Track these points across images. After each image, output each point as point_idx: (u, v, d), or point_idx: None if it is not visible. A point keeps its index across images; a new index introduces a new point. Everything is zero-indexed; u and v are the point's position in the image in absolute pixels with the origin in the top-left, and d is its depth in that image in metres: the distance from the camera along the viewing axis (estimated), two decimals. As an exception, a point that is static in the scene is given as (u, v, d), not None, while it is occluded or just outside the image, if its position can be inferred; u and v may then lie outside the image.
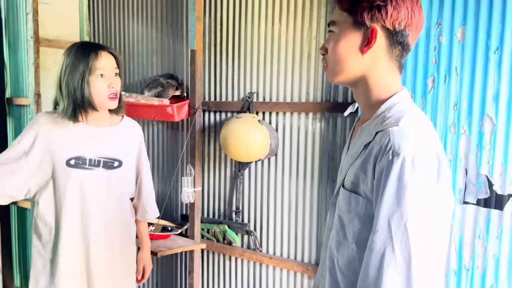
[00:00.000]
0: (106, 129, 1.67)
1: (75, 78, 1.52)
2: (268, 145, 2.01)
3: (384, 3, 0.85)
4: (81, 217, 1.63)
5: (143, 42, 2.53)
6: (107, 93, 1.56)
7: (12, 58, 3.03)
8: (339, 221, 0.92)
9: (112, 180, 1.67)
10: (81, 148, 1.60)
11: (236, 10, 2.16)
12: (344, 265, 0.90)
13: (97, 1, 2.69)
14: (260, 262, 2.19)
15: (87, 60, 1.52)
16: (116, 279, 1.74)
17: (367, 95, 0.91)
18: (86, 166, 1.61)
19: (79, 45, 1.60)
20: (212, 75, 2.28)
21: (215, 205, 2.36)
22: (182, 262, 2.50)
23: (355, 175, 0.87)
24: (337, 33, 0.90)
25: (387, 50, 0.88)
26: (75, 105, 1.54)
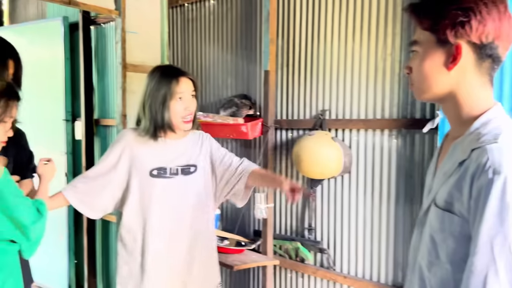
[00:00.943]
0: (180, 141, 1.78)
1: (157, 101, 1.65)
2: (342, 162, 2.01)
3: (467, 18, 0.82)
4: (166, 222, 1.74)
5: (219, 65, 2.67)
6: (183, 114, 1.67)
7: (100, 83, 3.33)
8: (430, 240, 0.89)
9: (192, 184, 1.77)
10: (161, 160, 1.73)
11: (309, 31, 2.21)
12: (437, 286, 0.87)
13: (176, 29, 2.90)
14: (334, 281, 2.16)
15: (169, 86, 1.65)
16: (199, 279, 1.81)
17: (457, 111, 0.89)
18: (167, 175, 1.73)
19: (162, 70, 1.74)
20: (284, 94, 2.34)
21: (287, 221, 2.38)
22: (255, 277, 2.54)
23: (449, 194, 0.84)
24: (421, 52, 0.89)
25: (475, 64, 0.85)
26: (155, 126, 1.67)
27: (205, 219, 1.84)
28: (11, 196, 1.33)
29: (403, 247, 1.94)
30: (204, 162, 1.83)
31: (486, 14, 0.82)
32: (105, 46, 3.27)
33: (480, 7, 0.82)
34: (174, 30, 2.91)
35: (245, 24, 2.51)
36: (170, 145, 1.76)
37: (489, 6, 0.82)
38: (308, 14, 2.21)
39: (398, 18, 1.90)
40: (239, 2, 2.53)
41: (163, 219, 1.75)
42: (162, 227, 1.75)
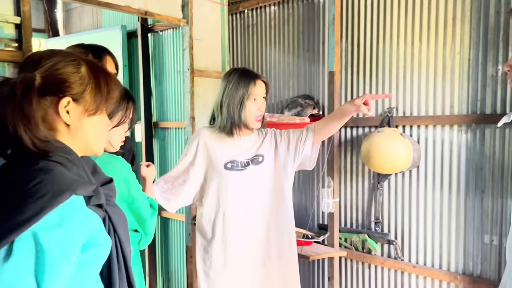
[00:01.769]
0: (248, 137, 1.93)
1: (235, 101, 1.81)
2: (411, 157, 2.11)
3: None
4: (244, 210, 1.89)
5: (279, 67, 2.80)
6: (256, 114, 1.84)
7: (158, 88, 3.50)
8: None
9: (263, 173, 1.91)
10: (234, 154, 1.89)
11: (374, 32, 2.32)
12: None
13: (236, 34, 3.04)
14: (403, 270, 2.26)
15: (247, 87, 1.81)
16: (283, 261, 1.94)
17: None
18: (239, 168, 1.89)
19: (240, 72, 1.89)
20: (349, 93, 2.45)
21: (353, 215, 2.49)
22: (319, 269, 2.65)
23: None
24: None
25: None
26: (232, 123, 1.84)
27: (282, 205, 1.95)
28: (135, 190, 1.48)
29: (473, 237, 2.03)
30: (269, 151, 1.95)
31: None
32: (162, 52, 3.44)
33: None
34: (234, 36, 3.05)
35: (307, 27, 2.63)
36: (240, 141, 1.91)
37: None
38: (373, 16, 2.32)
39: (467, 18, 2.00)
40: (301, 7, 2.66)
41: (240, 207, 1.90)
42: (240, 215, 1.90)
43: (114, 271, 0.97)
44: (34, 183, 0.79)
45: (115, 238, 0.97)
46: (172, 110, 3.40)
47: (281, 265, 1.96)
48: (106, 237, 0.93)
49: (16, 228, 0.75)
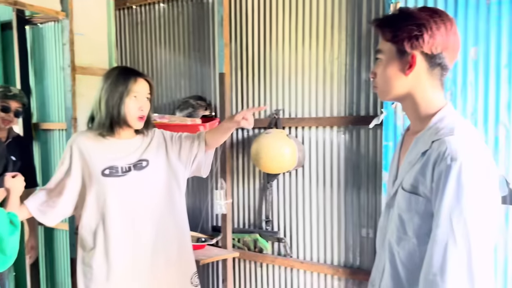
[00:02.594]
0: (131, 140, 1.83)
1: (114, 97, 1.71)
2: (296, 157, 2.19)
3: (421, 32, 0.99)
4: (127, 219, 1.78)
5: (171, 67, 2.72)
6: (137, 114, 1.75)
7: (38, 85, 3.19)
8: (399, 219, 1.04)
9: (148, 178, 1.81)
10: (112, 159, 1.78)
11: (261, 36, 2.37)
12: (405, 257, 1.02)
13: (124, 31, 2.89)
14: (292, 267, 2.34)
15: (126, 83, 1.72)
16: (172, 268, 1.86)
17: (416, 109, 1.06)
18: (119, 174, 1.77)
19: (120, 70, 1.82)
20: (239, 95, 2.47)
21: (245, 215, 2.52)
22: (214, 271, 2.64)
23: (414, 179, 0.99)
24: (384, 60, 1.06)
25: (427, 71, 1.02)
26: (111, 120, 1.74)
27: (171, 211, 1.87)
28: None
29: (352, 230, 2.18)
30: (157, 155, 1.86)
31: (435, 29, 0.99)
32: (43, 47, 3.14)
33: (431, 23, 0.99)
34: (122, 32, 2.89)
35: (197, 27, 2.59)
36: (121, 144, 1.81)
37: (438, 23, 1.00)
38: (260, 19, 2.36)
39: (343, 26, 2.13)
40: (190, 6, 2.61)
41: (123, 216, 1.79)
42: (123, 224, 1.79)
43: None
44: None
45: None
46: (55, 110, 3.12)
47: (173, 274, 1.89)
48: None
49: None
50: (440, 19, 1.01)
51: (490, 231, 0.91)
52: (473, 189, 0.90)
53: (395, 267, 1.05)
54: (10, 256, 1.36)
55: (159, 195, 1.85)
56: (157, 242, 1.84)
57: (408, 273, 1.02)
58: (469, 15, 1.69)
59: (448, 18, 1.02)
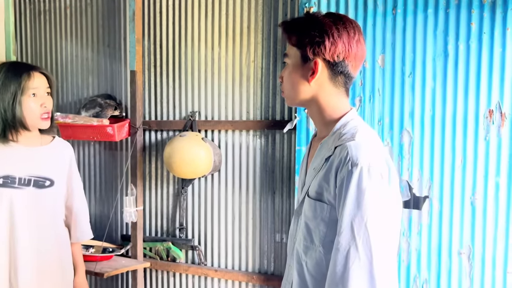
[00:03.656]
0: (37, 148, 1.65)
1: (5, 98, 1.53)
2: (212, 161, 2.11)
3: (322, 39, 0.97)
4: (9, 238, 1.59)
5: (78, 62, 2.50)
6: (40, 112, 1.58)
7: None
8: (305, 227, 1.01)
9: (44, 200, 1.65)
10: (10, 167, 1.58)
11: (176, 33, 2.25)
12: (312, 267, 0.99)
13: (24, 19, 2.60)
14: (206, 276, 2.25)
15: (19, 80, 1.53)
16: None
17: (321, 114, 1.04)
18: (15, 185, 1.59)
19: (9, 65, 1.61)
20: (153, 95, 2.33)
21: (158, 223, 2.38)
22: (123, 283, 2.46)
23: (319, 185, 0.98)
24: (289, 65, 1.04)
25: (330, 78, 1.01)
26: (5, 125, 1.55)
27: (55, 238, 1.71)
28: None
29: (267, 236, 2.14)
30: (61, 177, 1.71)
31: (337, 37, 0.98)
32: None
33: (333, 31, 0.98)
34: (23, 22, 2.61)
35: (108, 21, 2.41)
36: (23, 152, 1.61)
37: (340, 31, 0.98)
38: (175, 16, 2.25)
39: (260, 28, 2.09)
40: (101, -3, 2.42)
41: (6, 234, 1.59)
42: (5, 243, 1.58)
43: None
44: None
45: None
46: None
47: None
48: None
49: None
50: (343, 26, 0.99)
51: (391, 236, 0.92)
52: (373, 194, 0.89)
53: (303, 279, 1.02)
54: None
55: (49, 219, 1.68)
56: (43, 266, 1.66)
57: (316, 284, 0.99)
58: (377, 23, 1.73)
59: (353, 25, 1.01)
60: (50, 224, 1.68)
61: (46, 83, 1.61)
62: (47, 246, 1.66)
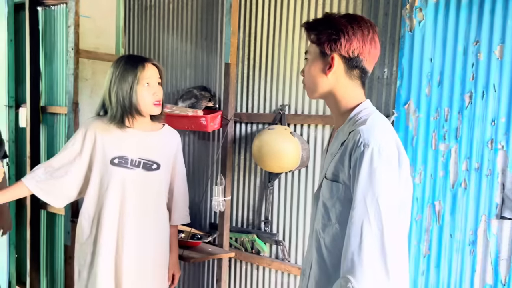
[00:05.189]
0: (148, 133, 1.82)
1: (124, 87, 1.69)
2: (299, 156, 2.05)
3: (338, 36, 1.09)
4: (119, 213, 1.76)
5: (177, 55, 2.61)
6: (152, 100, 1.73)
7: (48, 68, 3.15)
8: (323, 207, 1.12)
9: (150, 181, 1.80)
10: (124, 149, 1.75)
11: (271, 25, 2.23)
12: (329, 242, 1.10)
13: (133, 14, 2.80)
14: (288, 272, 2.21)
15: (135, 72, 1.69)
16: (146, 278, 1.82)
17: (337, 105, 1.15)
18: (127, 166, 1.76)
19: (126, 58, 1.77)
20: (245, 87, 2.34)
21: (244, 214, 2.40)
22: (209, 270, 2.53)
23: (335, 167, 1.09)
24: (309, 60, 1.16)
25: (346, 72, 1.12)
26: (123, 111, 1.71)
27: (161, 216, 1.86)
28: None
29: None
30: (167, 162, 1.87)
31: (352, 35, 1.09)
32: (54, 29, 3.10)
33: (348, 29, 1.09)
34: (131, 17, 2.81)
35: (206, 14, 2.48)
36: (136, 136, 1.78)
37: (355, 29, 1.09)
38: (270, 9, 2.23)
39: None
40: (200, -8, 2.49)
41: (117, 209, 1.76)
42: (116, 217, 1.76)
43: None
44: None
45: None
46: (62, 94, 3.07)
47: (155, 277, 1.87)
48: None
49: None
50: (358, 25, 1.10)
51: (400, 211, 1.01)
52: (384, 172, 0.99)
53: (321, 254, 1.13)
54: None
55: (154, 199, 1.83)
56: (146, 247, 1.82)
57: (333, 258, 1.09)
58: (496, 9, 1.51)
59: (367, 25, 1.12)
60: (153, 204, 1.83)
61: (157, 74, 1.76)
62: (149, 223, 1.81)
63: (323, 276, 1.12)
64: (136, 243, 1.79)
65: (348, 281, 0.97)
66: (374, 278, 0.95)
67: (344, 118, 1.14)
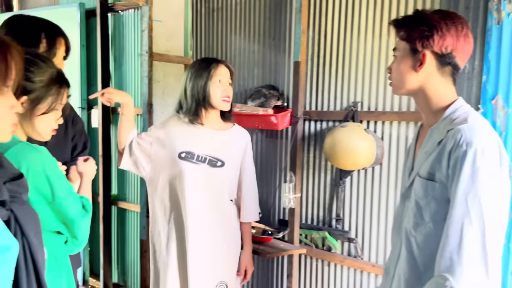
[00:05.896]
0: (217, 132, 1.93)
1: (199, 83, 1.84)
2: (374, 154, 2.04)
3: (431, 33, 1.08)
4: (184, 202, 1.86)
5: (245, 55, 2.67)
6: (222, 95, 1.85)
7: (117, 71, 3.31)
8: (416, 206, 1.11)
9: (213, 177, 1.90)
10: (193, 145, 1.87)
11: (342, 22, 2.23)
12: (422, 241, 1.10)
13: (200, 17, 2.88)
14: (362, 270, 2.21)
15: (209, 69, 1.85)
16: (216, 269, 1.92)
17: (428, 103, 1.14)
18: (193, 160, 1.87)
19: (202, 59, 1.95)
20: (314, 85, 2.36)
21: (314, 211, 2.42)
22: (278, 266, 2.58)
23: (431, 166, 1.07)
24: (398, 57, 1.15)
25: (438, 69, 1.11)
26: (197, 104, 1.85)
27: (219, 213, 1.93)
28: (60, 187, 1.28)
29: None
30: (234, 161, 1.95)
31: (446, 31, 1.08)
32: (122, 34, 3.25)
33: (442, 25, 1.08)
34: (198, 20, 2.89)
35: (274, 14, 2.51)
36: (205, 133, 1.90)
37: (448, 25, 1.08)
38: (341, 6, 2.22)
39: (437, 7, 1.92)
40: (268, -8, 2.53)
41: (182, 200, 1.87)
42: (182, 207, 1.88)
43: (21, 278, 0.83)
44: None
45: (22, 241, 0.83)
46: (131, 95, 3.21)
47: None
48: (11, 240, 0.79)
49: None
50: (452, 21, 1.09)
51: (501, 212, 1.00)
52: (487, 172, 0.98)
53: (411, 252, 1.12)
54: (82, 241, 1.34)
55: (217, 195, 1.92)
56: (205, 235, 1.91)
57: (425, 257, 1.09)
58: None
59: (461, 21, 1.10)
60: (215, 199, 1.91)
61: (229, 75, 1.90)
62: (212, 216, 1.90)
63: (414, 274, 1.12)
64: (199, 234, 1.87)
65: (446, 279, 0.96)
66: (474, 277, 0.95)
67: (437, 116, 1.13)
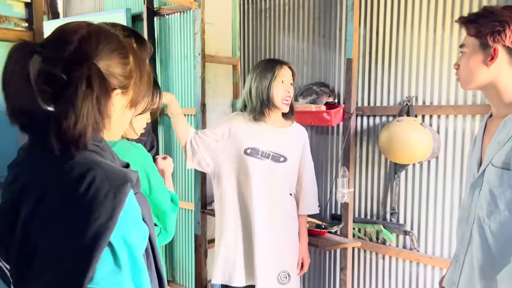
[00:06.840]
0: (279, 129, 2.03)
1: (263, 83, 1.93)
2: (431, 147, 2.07)
3: (503, 28, 1.12)
4: (249, 197, 1.97)
5: (293, 54, 2.73)
6: (283, 95, 1.94)
7: (163, 73, 3.41)
8: (490, 194, 1.15)
9: (276, 172, 2.00)
10: (257, 141, 1.97)
11: (394, 18, 2.26)
12: (496, 229, 1.14)
13: (247, 18, 2.96)
14: (418, 262, 2.24)
15: (273, 70, 1.93)
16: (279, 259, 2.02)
17: (500, 96, 1.19)
18: (258, 156, 1.97)
19: (266, 61, 2.03)
20: (366, 81, 2.40)
21: (367, 205, 2.46)
22: (331, 258, 2.63)
23: (506, 156, 1.11)
24: (467, 53, 1.20)
25: (509, 63, 1.15)
26: (262, 104, 1.94)
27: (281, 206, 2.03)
28: (156, 181, 1.39)
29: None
30: (294, 157, 2.06)
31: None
32: (168, 37, 3.35)
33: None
34: (246, 21, 2.97)
35: (324, 13, 2.56)
36: (268, 131, 2.00)
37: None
38: (393, 2, 2.26)
39: (494, 2, 1.94)
40: (317, -9, 2.58)
41: (247, 193, 1.98)
42: (245, 200, 1.99)
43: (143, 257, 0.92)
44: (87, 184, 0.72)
45: None
46: (178, 97, 3.31)
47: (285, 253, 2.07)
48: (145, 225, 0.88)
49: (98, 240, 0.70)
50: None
51: None
52: None
53: (485, 240, 1.16)
54: (170, 233, 1.44)
55: (280, 189, 2.02)
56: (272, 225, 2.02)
57: (499, 244, 1.13)
58: None
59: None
60: (278, 193, 2.02)
61: (291, 75, 1.99)
62: (276, 209, 2.01)
63: (488, 261, 1.17)
64: (264, 224, 1.98)
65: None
66: None
67: (509, 107, 1.18)
